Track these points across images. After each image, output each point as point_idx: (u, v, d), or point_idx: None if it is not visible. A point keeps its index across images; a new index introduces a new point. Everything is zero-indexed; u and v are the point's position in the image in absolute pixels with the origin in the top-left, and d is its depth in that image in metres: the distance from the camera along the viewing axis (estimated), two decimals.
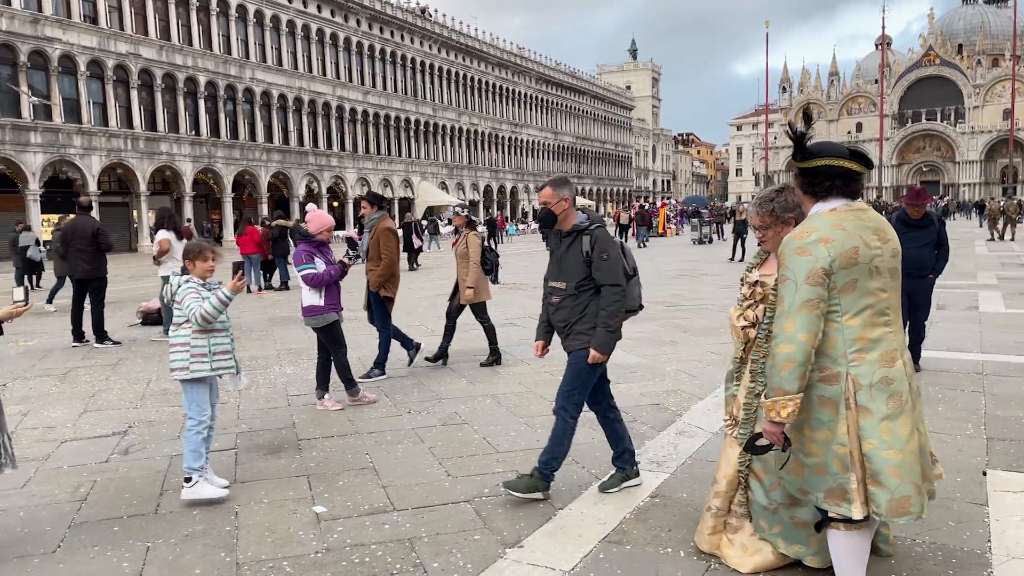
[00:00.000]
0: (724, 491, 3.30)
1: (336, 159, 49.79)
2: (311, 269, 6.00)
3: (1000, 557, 3.32)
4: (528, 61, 72.63)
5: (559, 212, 4.11)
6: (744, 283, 3.33)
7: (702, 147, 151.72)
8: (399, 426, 5.60)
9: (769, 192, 3.27)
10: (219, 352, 4.35)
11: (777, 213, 3.20)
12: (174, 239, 9.78)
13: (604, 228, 4.14)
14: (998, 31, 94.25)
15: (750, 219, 3.28)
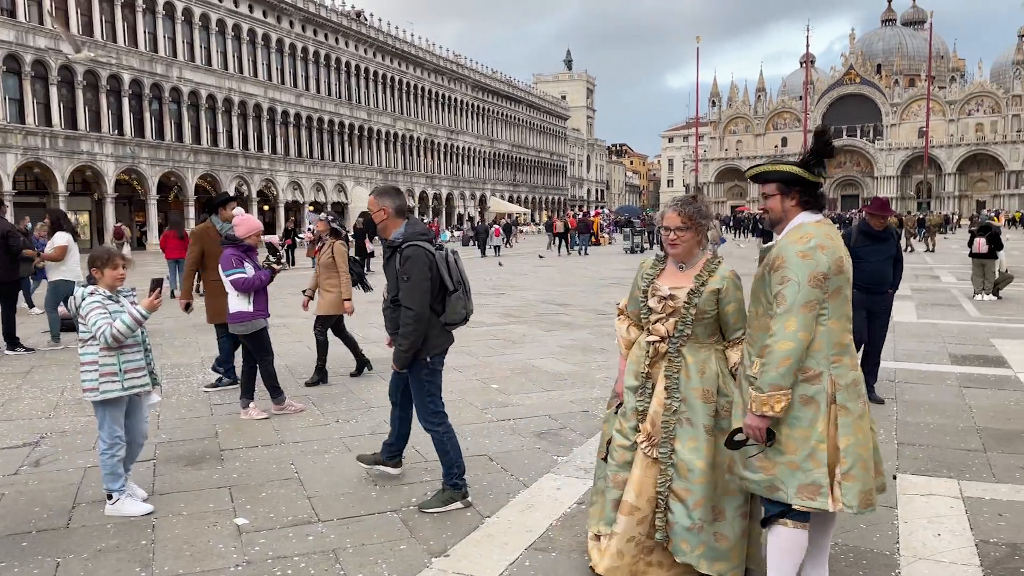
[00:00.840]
0: (645, 517, 3.12)
1: (267, 162, 48.80)
2: (240, 273, 5.85)
3: (908, 558, 3.47)
4: (464, 68, 72.68)
5: (378, 221, 4.17)
6: (652, 296, 3.20)
7: (635, 158, 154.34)
8: (326, 435, 5.51)
9: (686, 197, 3.27)
10: (131, 369, 4.05)
11: (695, 218, 3.16)
12: (71, 241, 9.50)
13: (416, 247, 3.99)
14: (914, 52, 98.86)
15: (667, 220, 3.16)
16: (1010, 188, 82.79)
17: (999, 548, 3.55)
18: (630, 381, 3.24)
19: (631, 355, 3.29)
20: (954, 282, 17.00)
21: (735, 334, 3.15)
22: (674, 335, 3.12)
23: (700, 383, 3.09)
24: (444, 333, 4.23)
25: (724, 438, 2.93)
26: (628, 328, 3.35)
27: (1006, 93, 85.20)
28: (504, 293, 16.05)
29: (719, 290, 3.11)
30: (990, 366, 7.67)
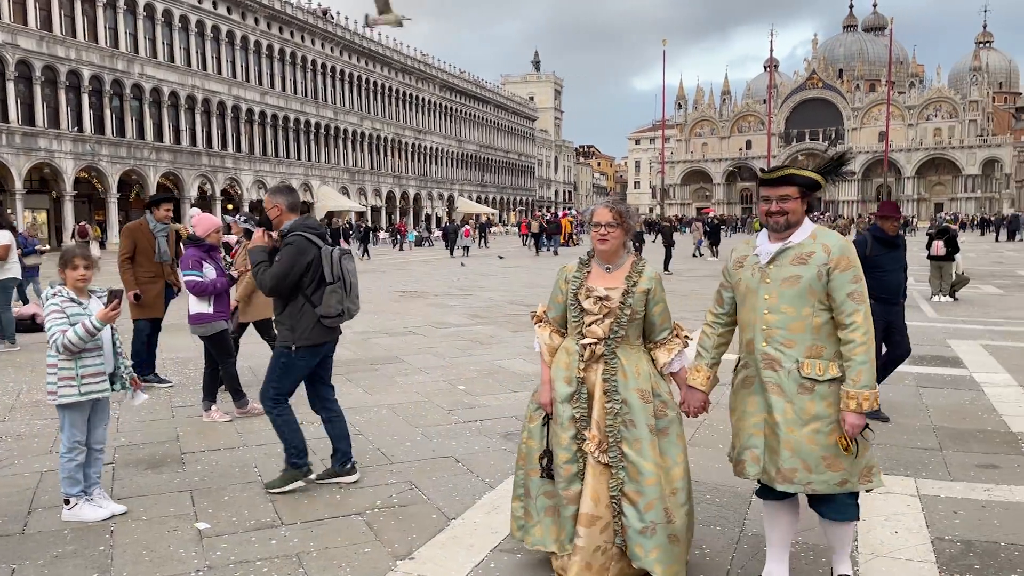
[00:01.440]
0: (607, 524, 3.07)
1: (231, 160, 48.19)
2: (196, 276, 5.77)
3: (866, 555, 3.53)
4: (432, 68, 72.47)
5: (272, 217, 4.43)
6: (587, 298, 3.13)
7: (602, 159, 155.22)
8: None
9: (615, 196, 3.37)
10: (89, 375, 3.92)
11: (625, 216, 3.17)
12: (12, 238, 9.33)
13: (299, 236, 4.26)
14: (875, 58, 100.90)
15: (598, 216, 3.15)
16: (966, 192, 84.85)
17: (954, 545, 3.64)
18: (562, 389, 3.16)
19: (558, 362, 3.21)
20: (912, 284, 17.34)
21: (662, 334, 3.20)
22: (610, 336, 3.10)
23: (637, 384, 3.09)
24: (319, 327, 4.35)
25: (664, 438, 3.09)
26: (551, 335, 3.30)
27: (963, 99, 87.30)
28: (471, 294, 16.04)
29: (649, 290, 3.14)
30: (946, 366, 7.85)
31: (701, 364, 3.16)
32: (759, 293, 2.97)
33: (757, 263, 3.01)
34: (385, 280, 19.74)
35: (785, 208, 2.95)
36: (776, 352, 2.91)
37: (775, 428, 2.92)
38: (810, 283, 2.87)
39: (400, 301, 14.65)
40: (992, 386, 6.88)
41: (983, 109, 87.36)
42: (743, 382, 3.06)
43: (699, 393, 3.15)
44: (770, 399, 2.93)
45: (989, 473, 4.63)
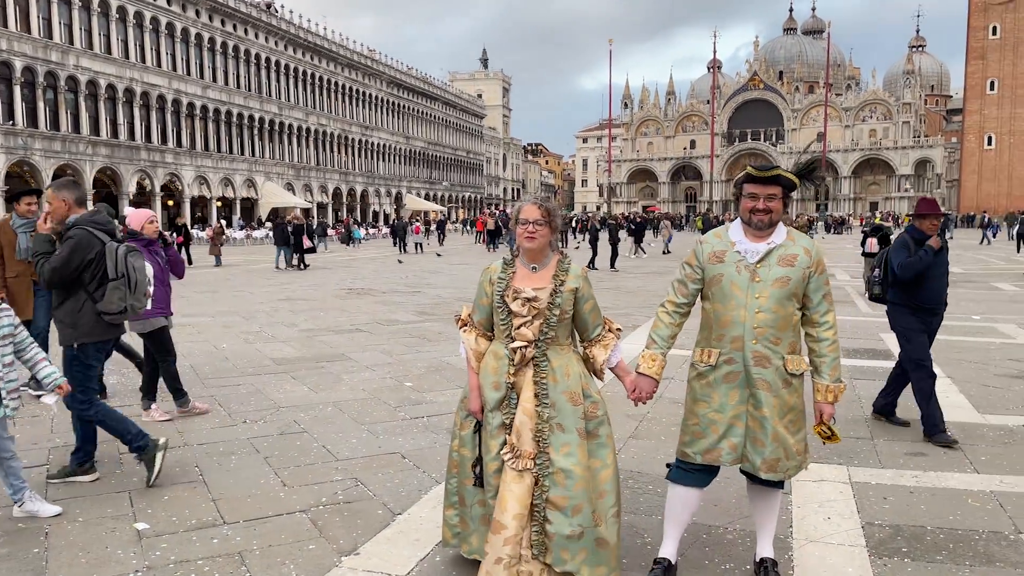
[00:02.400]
0: (514, 535, 2.93)
1: (172, 155, 47.04)
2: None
3: (800, 541, 3.66)
4: (379, 64, 71.85)
5: (60, 213, 4.43)
6: (514, 299, 3.03)
7: (550, 157, 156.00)
8: (233, 436, 5.38)
9: (543, 195, 3.34)
10: None
11: (553, 214, 3.09)
12: None
13: (83, 230, 4.30)
14: (814, 60, 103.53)
15: (526, 213, 3.06)
16: (900, 191, 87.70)
17: (883, 529, 3.79)
18: (491, 395, 3.07)
19: (486, 366, 3.12)
20: (848, 280, 17.91)
21: (595, 331, 3.16)
22: (540, 339, 3.03)
23: (567, 386, 3.02)
24: (101, 324, 4.40)
25: (594, 440, 3.05)
26: (477, 339, 3.19)
27: (897, 101, 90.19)
28: (419, 291, 15.99)
29: (577, 289, 3.06)
30: (878, 359, 8.13)
31: (656, 353, 3.16)
32: (750, 292, 3.02)
33: (742, 261, 3.05)
34: (331, 278, 19.53)
35: (771, 207, 3.04)
36: (766, 350, 3.01)
37: (762, 422, 3.04)
38: (796, 284, 3.03)
39: (347, 298, 14.52)
40: None
41: (916, 111, 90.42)
42: (725, 377, 3.08)
43: (652, 380, 3.15)
44: (758, 394, 3.04)
45: (917, 460, 4.83)
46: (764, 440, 3.05)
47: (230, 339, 9.61)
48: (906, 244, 5.46)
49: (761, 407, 3.04)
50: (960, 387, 6.76)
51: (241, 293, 15.55)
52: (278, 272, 21.75)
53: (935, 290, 5.43)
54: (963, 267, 21.43)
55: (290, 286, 17.14)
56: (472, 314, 3.24)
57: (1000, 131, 73.77)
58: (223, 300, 14.15)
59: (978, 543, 3.62)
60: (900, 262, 5.37)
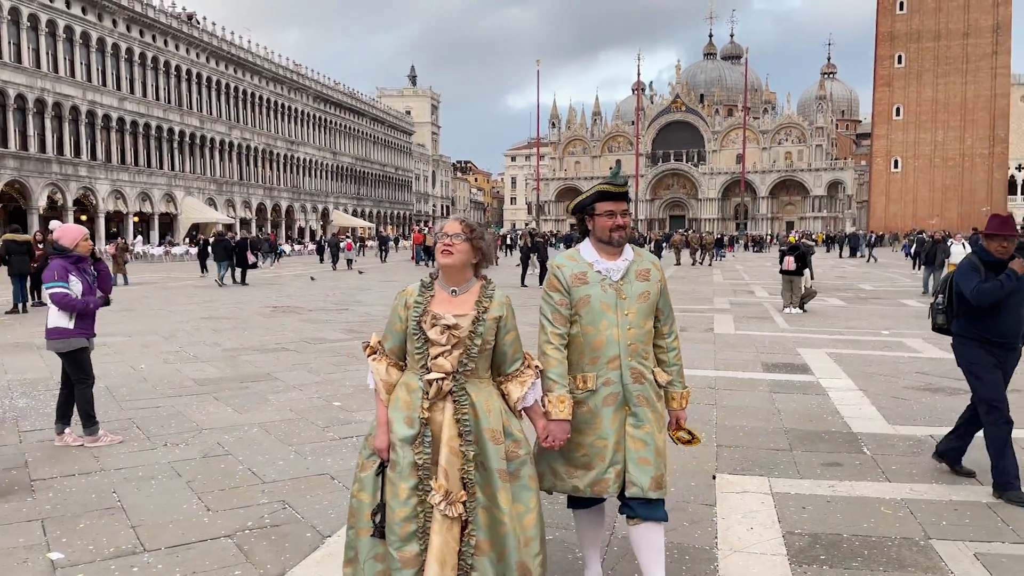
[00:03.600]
0: None
1: (85, 169, 45.24)
2: (62, 288, 5.42)
3: (724, 551, 3.76)
4: (305, 78, 70.93)
5: None
6: (432, 326, 2.75)
7: (479, 175, 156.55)
8: (153, 460, 5.20)
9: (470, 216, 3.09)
10: None
11: (476, 232, 2.85)
12: None
13: None
14: (732, 84, 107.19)
15: (448, 227, 2.83)
16: (814, 211, 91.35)
17: (802, 538, 3.93)
18: (402, 431, 2.73)
19: (397, 400, 2.80)
20: (766, 296, 18.53)
21: (513, 365, 2.88)
22: (459, 370, 2.74)
23: (489, 423, 2.76)
24: None
25: (516, 482, 2.78)
26: (388, 369, 2.85)
27: (811, 125, 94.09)
28: (347, 308, 15.78)
29: (500, 317, 2.81)
30: (796, 373, 8.44)
31: (563, 394, 2.93)
32: (619, 310, 2.98)
33: (606, 279, 3.00)
34: (256, 295, 19.09)
35: (626, 223, 3.04)
36: (640, 365, 3.01)
37: (646, 439, 2.98)
38: (655, 298, 3.07)
39: (272, 316, 14.22)
40: (836, 390, 7.46)
41: (828, 135, 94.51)
42: (605, 400, 2.97)
43: (566, 424, 2.93)
44: (639, 411, 3.00)
45: (833, 470, 5.03)
46: (650, 458, 2.98)
47: (149, 359, 9.28)
48: (975, 267, 4.66)
49: (643, 424, 2.99)
50: (871, 399, 7.07)
51: (160, 311, 15.05)
52: (217, 288, 21.23)
53: (1012, 321, 4.61)
54: (872, 284, 22.46)
55: (212, 304, 16.68)
56: (383, 341, 2.90)
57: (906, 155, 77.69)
58: (141, 319, 13.66)
59: (891, 549, 3.80)
60: (975, 287, 4.54)
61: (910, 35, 75.96)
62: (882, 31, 77.27)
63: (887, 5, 76.74)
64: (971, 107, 74.90)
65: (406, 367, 2.86)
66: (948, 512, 4.26)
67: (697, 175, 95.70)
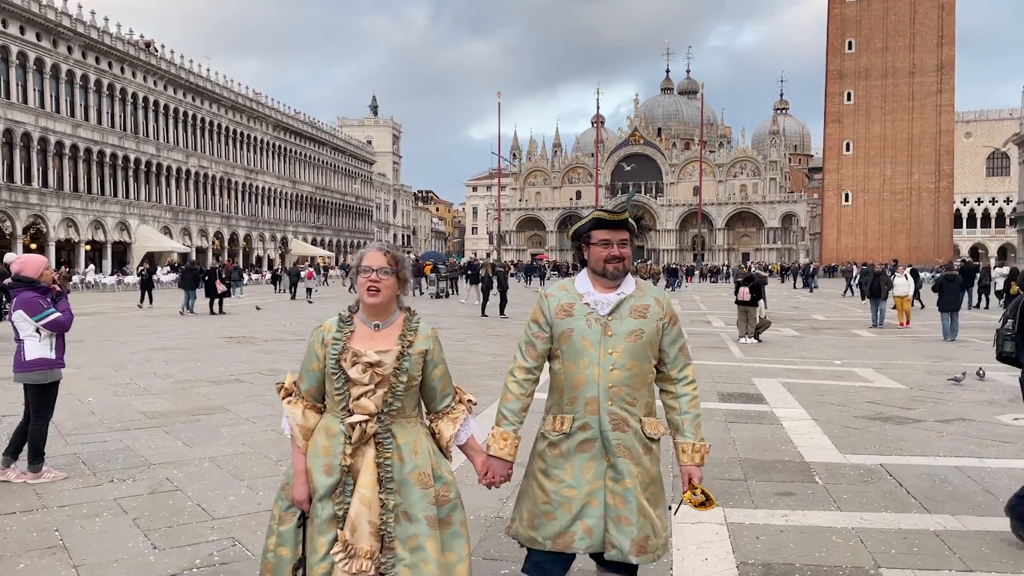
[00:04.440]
0: None
1: (36, 196, 44.23)
2: (53, 314, 5.40)
3: None
4: (265, 107, 70.61)
5: None
6: (353, 364, 2.54)
7: (441, 205, 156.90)
8: (98, 497, 5.05)
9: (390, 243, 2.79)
10: None
11: (401, 263, 2.66)
12: None
13: None
14: (689, 118, 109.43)
15: (369, 260, 2.63)
16: (769, 243, 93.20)
17: (756, 568, 3.96)
18: (322, 480, 2.53)
19: (315, 446, 2.58)
20: (723, 327, 18.79)
21: (444, 402, 2.72)
22: (383, 411, 2.55)
23: (415, 465, 2.55)
24: None
25: (447, 529, 2.60)
26: (305, 412, 2.64)
27: (765, 159, 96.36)
28: (304, 338, 15.57)
29: (426, 351, 2.63)
30: (751, 403, 8.55)
31: (508, 431, 2.74)
32: (603, 347, 2.71)
33: (592, 313, 2.75)
34: (211, 325, 18.76)
35: (623, 253, 2.78)
36: (623, 411, 2.71)
37: (626, 495, 2.69)
38: (651, 338, 2.76)
39: (226, 347, 13.98)
40: (789, 420, 7.57)
41: (781, 168, 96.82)
42: (579, 446, 2.73)
43: (507, 463, 2.74)
44: (619, 464, 2.70)
45: (786, 500, 5.09)
46: (630, 517, 2.68)
47: (97, 392, 9.05)
48: None
49: (623, 478, 2.69)
50: (823, 428, 7.19)
51: (110, 342, 14.69)
52: (171, 318, 20.83)
53: None
54: (825, 315, 22.93)
55: (164, 334, 16.34)
56: (299, 382, 2.69)
57: (856, 188, 79.95)
58: (90, 350, 13.31)
59: None
60: None
61: (858, 73, 78.59)
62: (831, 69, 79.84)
63: (836, 44, 79.38)
64: (918, 143, 77.52)
65: (325, 409, 2.65)
66: (897, 541, 4.33)
67: (656, 206, 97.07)
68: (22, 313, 5.37)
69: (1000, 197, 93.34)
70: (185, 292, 23.23)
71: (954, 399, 8.83)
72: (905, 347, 14.57)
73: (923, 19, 76.30)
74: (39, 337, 5.41)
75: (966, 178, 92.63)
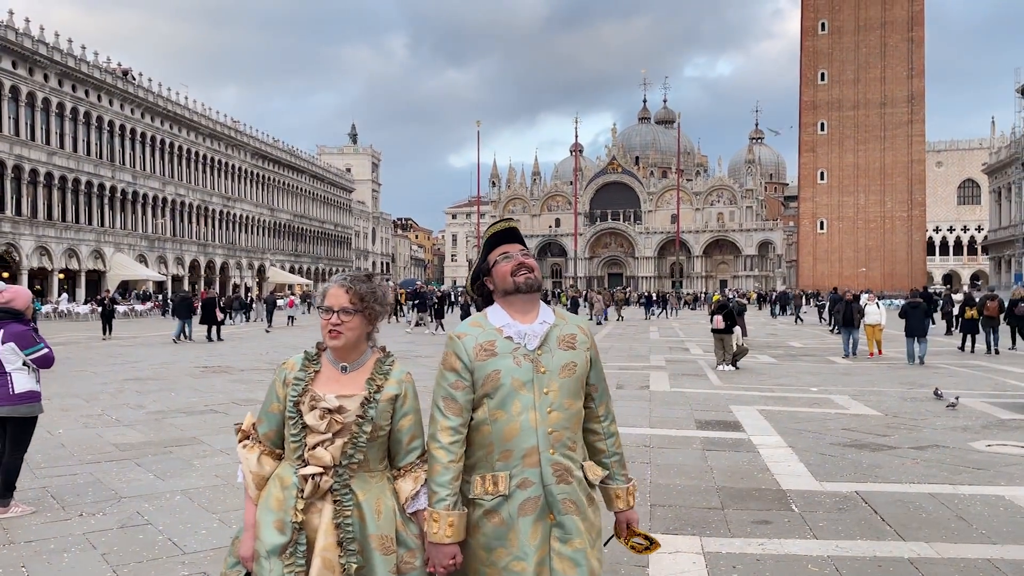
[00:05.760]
0: None
1: (9, 224, 43.67)
2: (46, 349, 5.48)
3: None
4: (243, 135, 70.57)
5: None
6: (310, 409, 2.28)
7: (420, 232, 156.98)
8: (66, 532, 4.94)
9: (360, 273, 2.47)
10: None
11: (368, 300, 2.36)
12: None
13: None
14: (666, 147, 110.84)
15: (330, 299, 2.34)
16: (746, 270, 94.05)
17: None
18: (272, 538, 2.24)
19: (268, 498, 2.31)
20: (701, 354, 18.86)
21: (408, 457, 2.37)
22: (342, 464, 2.26)
23: (377, 528, 2.26)
24: None
25: None
26: (260, 458, 2.37)
27: (741, 187, 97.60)
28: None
29: (396, 397, 2.35)
30: (728, 430, 8.57)
31: (440, 511, 2.26)
32: (537, 387, 2.32)
33: (519, 349, 2.35)
34: (185, 354, 18.54)
35: (531, 263, 2.44)
36: (565, 459, 2.32)
37: (575, 559, 2.27)
38: (582, 371, 2.41)
39: (201, 377, 13.81)
40: (766, 447, 7.60)
41: (757, 197, 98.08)
42: (521, 507, 2.28)
43: (449, 548, 2.27)
44: (566, 522, 2.29)
45: (763, 528, 5.09)
46: None
47: (67, 423, 8.89)
48: None
49: (571, 539, 2.28)
50: (800, 456, 7.21)
51: (82, 372, 14.46)
52: (143, 348, 20.52)
53: None
54: (802, 342, 23.12)
55: (139, 364, 16.12)
56: (258, 424, 2.41)
57: (831, 216, 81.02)
58: (61, 381, 13.08)
59: None
60: None
61: (831, 104, 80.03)
62: (805, 100, 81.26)
63: (809, 76, 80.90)
64: (890, 172, 78.86)
65: (284, 456, 2.36)
66: (872, 568, 4.34)
67: (634, 234, 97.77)
68: (13, 346, 5.34)
69: (972, 225, 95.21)
70: (179, 321, 23.39)
71: (928, 425, 8.91)
72: (880, 373, 14.71)
73: (893, 51, 78.03)
74: (27, 370, 5.42)
75: (938, 206, 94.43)
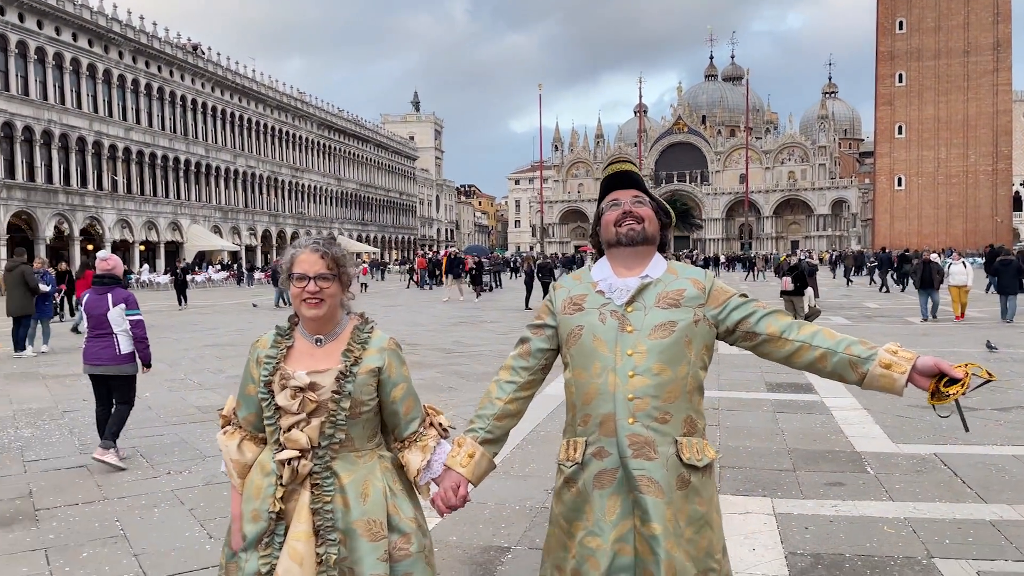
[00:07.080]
0: None
1: (92, 199, 45.60)
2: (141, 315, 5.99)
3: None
4: (309, 106, 71.63)
5: None
6: (281, 388, 2.07)
7: (483, 199, 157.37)
8: (156, 489, 5.22)
9: (325, 236, 2.27)
10: None
11: (342, 263, 2.16)
12: None
13: None
14: (734, 105, 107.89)
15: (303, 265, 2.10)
16: (819, 230, 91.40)
17: (804, 559, 3.92)
18: (250, 528, 2.06)
19: (250, 486, 2.12)
20: None
21: (410, 427, 2.19)
22: (321, 444, 2.07)
23: (363, 513, 2.05)
24: None
25: None
26: (241, 445, 2.19)
27: (813, 144, 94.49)
28: None
29: (379, 369, 2.13)
30: (800, 392, 8.42)
31: (466, 437, 2.15)
32: (619, 347, 2.06)
33: (607, 305, 2.12)
34: (259, 321, 19.14)
35: (642, 213, 2.16)
36: (649, 431, 2.03)
37: (652, 544, 1.98)
38: (686, 331, 2.08)
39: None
40: (839, 409, 7.44)
41: (831, 154, 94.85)
42: (596, 479, 2.06)
43: (455, 476, 2.12)
44: (644, 501, 2.00)
45: (836, 490, 5.01)
46: (657, 572, 1.97)
47: (153, 387, 9.31)
48: None
49: (649, 521, 1.99)
50: (876, 418, 7.05)
51: (163, 339, 15.10)
52: (217, 315, 21.33)
53: None
54: (878, 303, 22.42)
55: (217, 331, 16.74)
56: (238, 408, 2.24)
57: (909, 172, 77.86)
58: None
59: (893, 569, 3.78)
60: None
61: (910, 54, 76.45)
62: (882, 50, 77.78)
63: (886, 25, 77.30)
64: (973, 124, 75.16)
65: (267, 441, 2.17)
66: (951, 530, 4.24)
67: (701, 195, 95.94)
68: (123, 307, 5.81)
69: None
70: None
71: (1014, 387, 8.58)
72: (962, 334, 14.18)
73: None
74: (126, 333, 5.87)
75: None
